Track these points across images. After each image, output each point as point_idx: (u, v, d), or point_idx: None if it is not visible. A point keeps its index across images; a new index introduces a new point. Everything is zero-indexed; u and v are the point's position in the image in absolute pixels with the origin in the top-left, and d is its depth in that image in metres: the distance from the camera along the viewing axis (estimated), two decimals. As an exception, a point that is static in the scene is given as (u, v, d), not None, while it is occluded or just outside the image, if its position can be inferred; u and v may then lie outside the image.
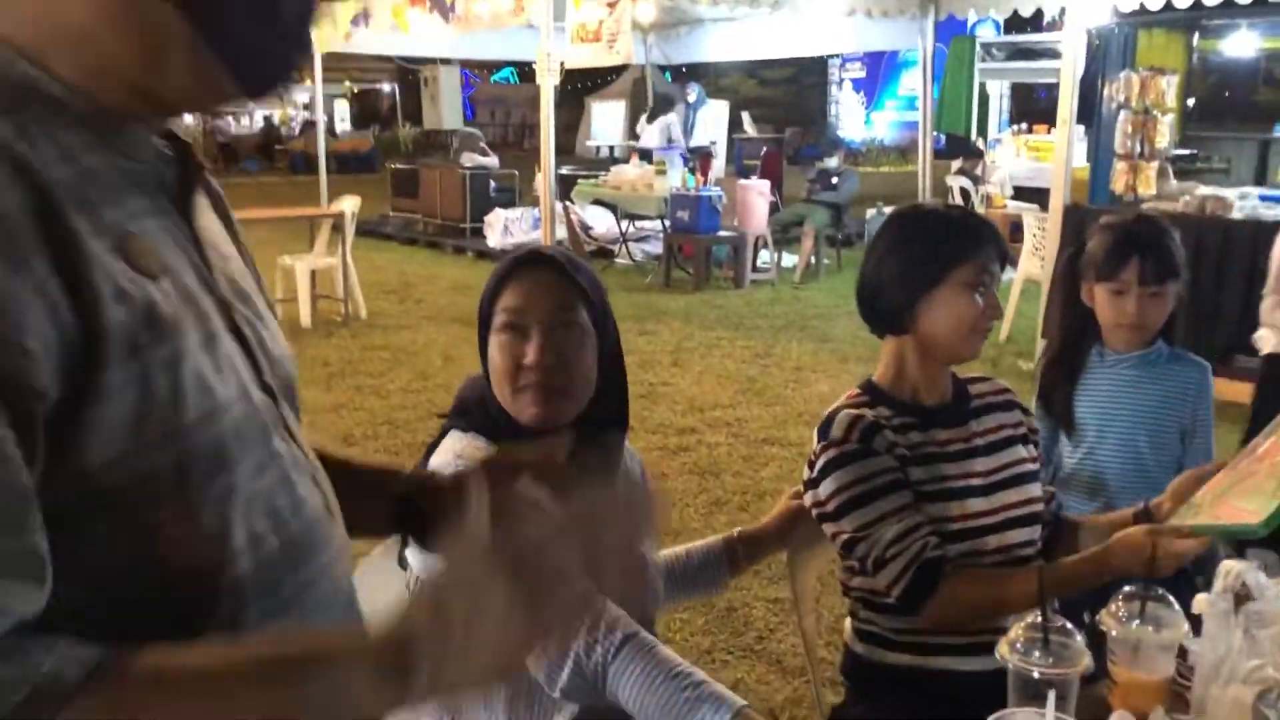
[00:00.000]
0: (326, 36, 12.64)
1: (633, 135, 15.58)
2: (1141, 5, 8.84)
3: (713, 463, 5.04)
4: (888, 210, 11.77)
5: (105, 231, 0.79)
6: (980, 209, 10.91)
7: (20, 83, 0.80)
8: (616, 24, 9.35)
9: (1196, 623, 1.38)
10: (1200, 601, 1.35)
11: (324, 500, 0.99)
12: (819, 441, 1.80)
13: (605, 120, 27.55)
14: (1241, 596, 1.31)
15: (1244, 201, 6.37)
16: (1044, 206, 8.03)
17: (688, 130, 14.28)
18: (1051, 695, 1.15)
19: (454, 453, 1.56)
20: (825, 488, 1.78)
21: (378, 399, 6.09)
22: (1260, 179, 10.98)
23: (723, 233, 9.82)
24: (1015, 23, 12.62)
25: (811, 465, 1.81)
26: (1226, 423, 5.68)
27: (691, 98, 14.74)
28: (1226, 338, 6.20)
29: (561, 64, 9.96)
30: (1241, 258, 6.06)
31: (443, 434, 1.63)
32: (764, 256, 10.45)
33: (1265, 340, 3.21)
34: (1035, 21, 11.82)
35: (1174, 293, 2.30)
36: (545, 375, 1.53)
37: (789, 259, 10.57)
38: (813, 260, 10.18)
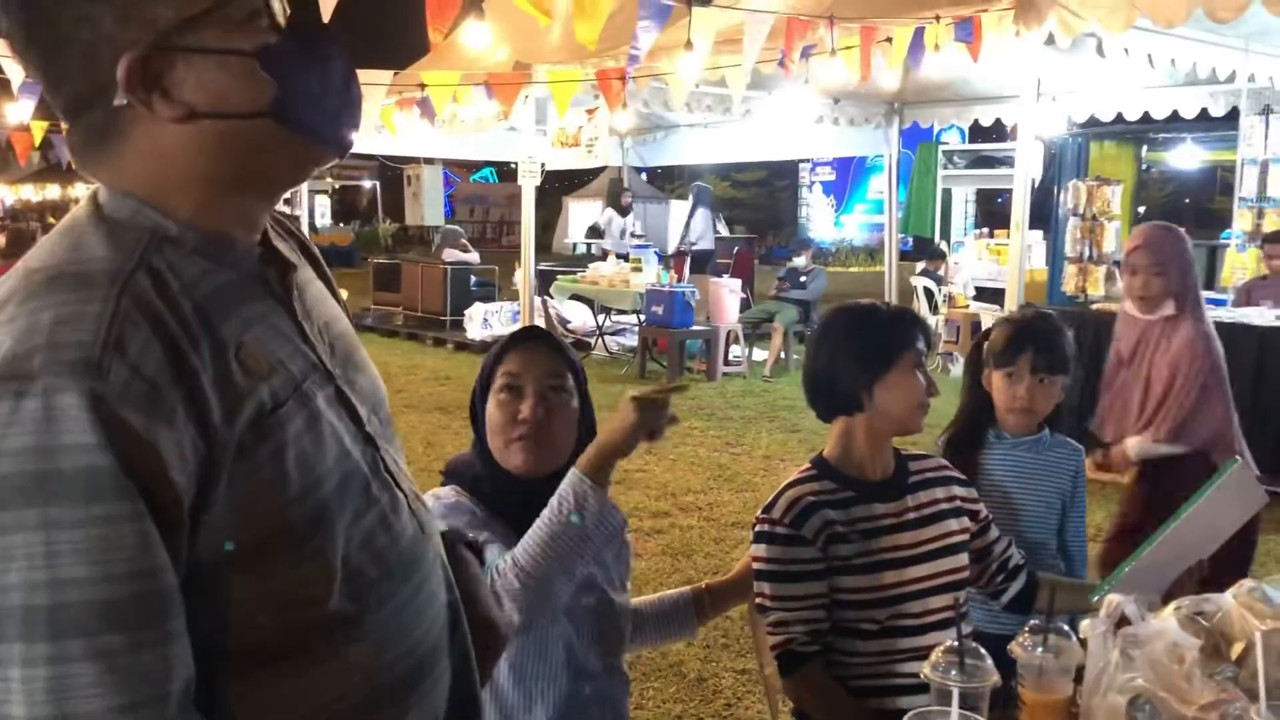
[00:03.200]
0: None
1: (597, 233, 15.87)
2: (1092, 117, 9.42)
3: (685, 545, 5.29)
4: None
5: (221, 350, 1.00)
6: (943, 308, 11.34)
7: (149, 227, 1.02)
8: (596, 130, 9.81)
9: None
10: (1084, 626, 1.63)
11: (418, 524, 1.20)
12: (762, 511, 2.08)
13: (582, 218, 28.21)
14: (1119, 623, 1.59)
15: (1186, 304, 6.75)
16: (1004, 306, 8.44)
17: (706, 229, 14.63)
18: (955, 693, 1.42)
19: (432, 495, 1.86)
20: (754, 550, 2.09)
21: (362, 483, 6.31)
22: (1209, 283, 11.47)
23: (695, 327, 10.18)
24: (979, 131, 13.24)
25: (754, 525, 2.09)
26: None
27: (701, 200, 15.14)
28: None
29: (542, 166, 10.41)
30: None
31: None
32: (735, 351, 10.80)
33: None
34: (998, 130, 12.42)
35: (1062, 384, 2.60)
36: (536, 428, 1.82)
37: (760, 354, 10.93)
38: (782, 355, 10.53)
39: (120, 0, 0.98)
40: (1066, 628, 1.71)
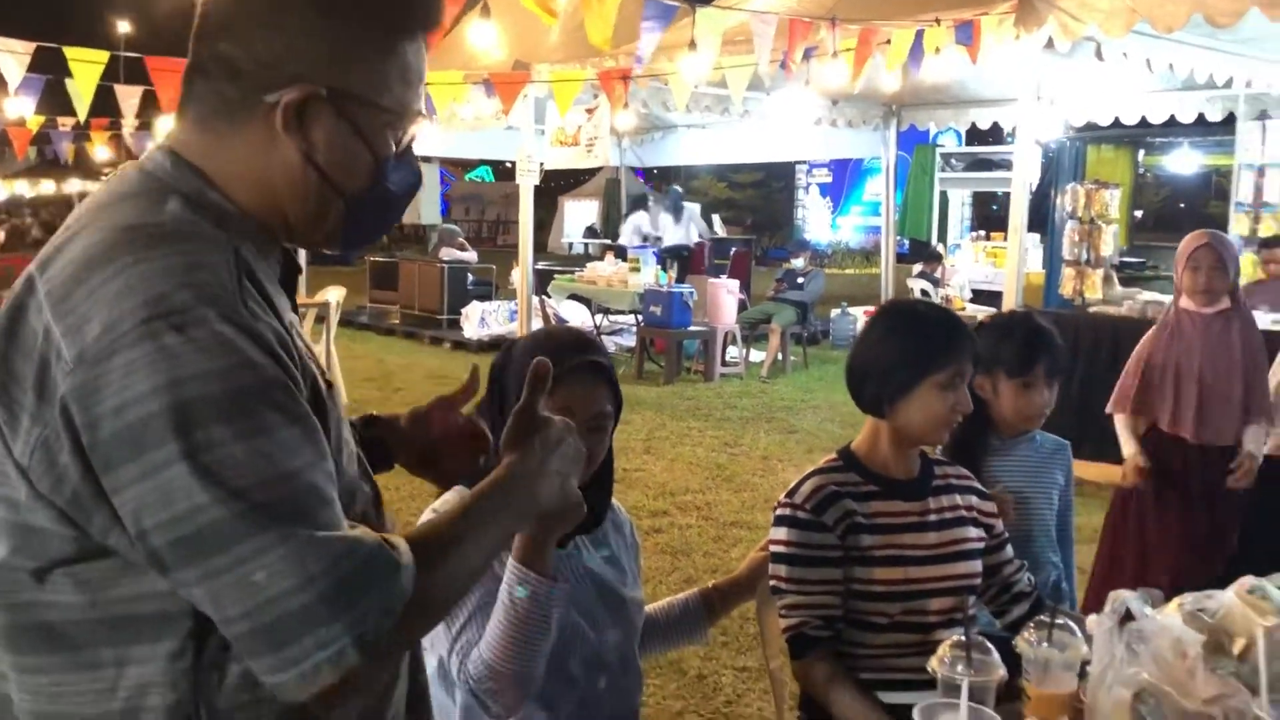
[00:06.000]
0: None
1: (611, 234, 16.04)
2: (1090, 121, 9.46)
3: (684, 543, 5.31)
4: (853, 310, 12.24)
5: (282, 320, 1.10)
6: (940, 310, 11.37)
7: (216, 206, 1.12)
8: (595, 129, 9.83)
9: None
10: (1090, 621, 1.65)
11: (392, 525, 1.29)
12: (785, 495, 2.11)
13: (578, 218, 28.24)
14: (1125, 618, 1.61)
15: (1182, 307, 6.80)
16: (1000, 309, 8.47)
17: (672, 228, 14.67)
18: (965, 686, 1.44)
19: (430, 509, 1.82)
20: (774, 534, 2.12)
21: (361, 480, 6.32)
22: (1205, 287, 11.52)
23: (693, 328, 10.20)
24: (976, 134, 13.28)
25: (775, 508, 2.12)
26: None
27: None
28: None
29: (541, 165, 10.43)
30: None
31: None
32: (732, 352, 10.82)
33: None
34: (995, 133, 12.47)
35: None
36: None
37: (757, 354, 10.95)
38: (779, 356, 10.56)
39: (338, 49, 1.12)
40: (1071, 623, 1.74)
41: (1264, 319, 6.45)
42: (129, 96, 8.59)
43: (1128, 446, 3.88)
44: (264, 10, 1.11)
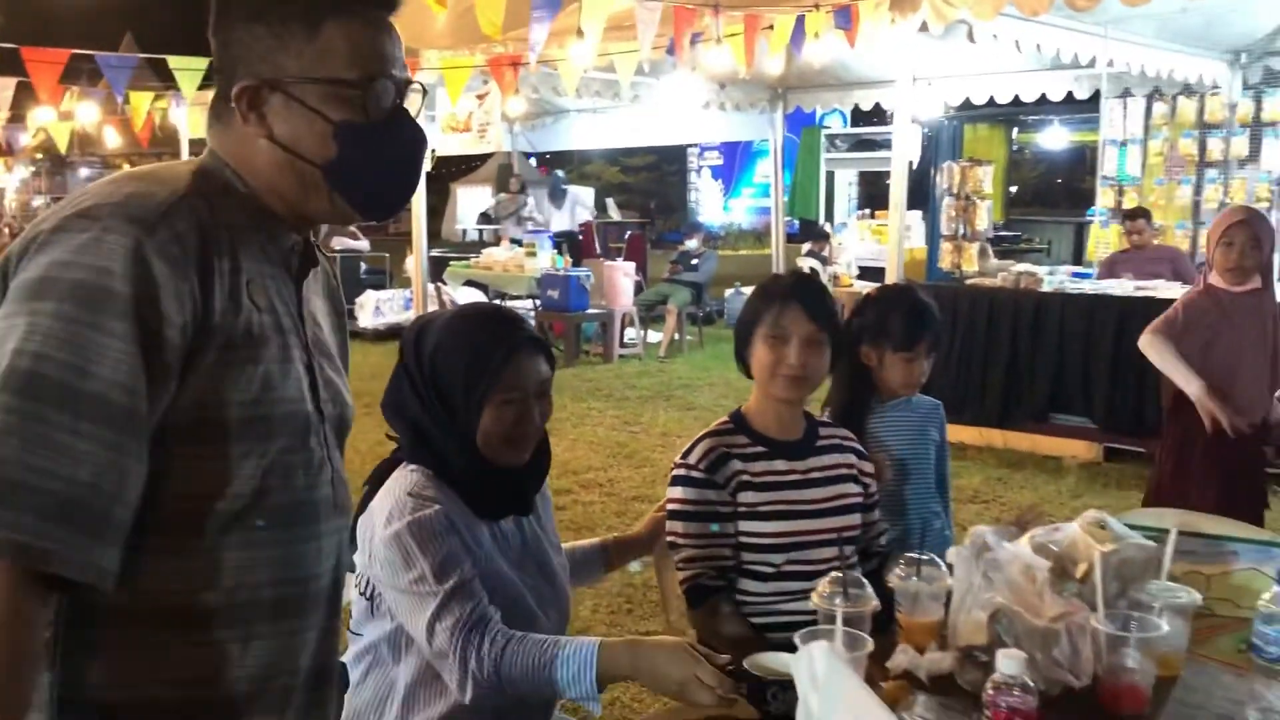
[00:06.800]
0: (200, 128, 12.78)
1: (488, 219, 15.94)
2: (966, 100, 9.82)
3: (587, 519, 5.45)
4: (746, 290, 12.45)
5: (238, 272, 1.29)
6: (829, 287, 11.68)
7: (223, 182, 1.33)
8: (486, 115, 9.85)
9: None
10: (951, 552, 1.84)
11: (333, 497, 1.42)
12: (681, 456, 2.26)
13: (471, 204, 28.05)
14: (981, 549, 1.80)
15: (1053, 277, 7.16)
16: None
17: (554, 213, 14.75)
18: (839, 614, 1.60)
19: (405, 491, 1.88)
20: (670, 492, 2.29)
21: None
22: (1077, 258, 12.08)
23: (591, 310, 10.32)
24: (860, 115, 13.61)
25: (672, 469, 2.27)
26: (1046, 474, 6.33)
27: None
28: (1042, 397, 6.94)
29: (433, 151, 10.42)
30: (1051, 326, 6.81)
31: (393, 458, 2.00)
32: (630, 333, 10.98)
33: None
34: (878, 114, 12.80)
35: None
36: (530, 435, 1.94)
37: (654, 335, 11.13)
38: (676, 336, 10.76)
39: (266, 44, 1.31)
40: (937, 559, 1.93)
41: (1127, 286, 6.84)
42: (2, 88, 8.36)
43: (1189, 384, 3.66)
44: (216, 31, 1.34)
